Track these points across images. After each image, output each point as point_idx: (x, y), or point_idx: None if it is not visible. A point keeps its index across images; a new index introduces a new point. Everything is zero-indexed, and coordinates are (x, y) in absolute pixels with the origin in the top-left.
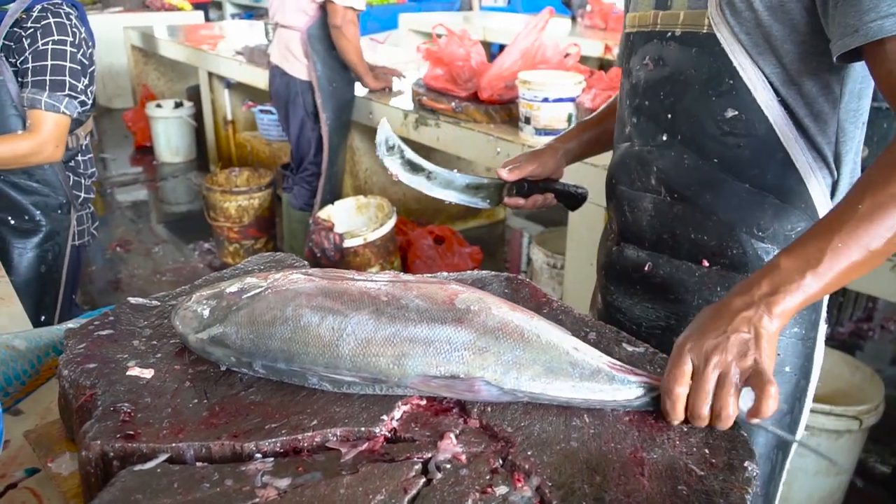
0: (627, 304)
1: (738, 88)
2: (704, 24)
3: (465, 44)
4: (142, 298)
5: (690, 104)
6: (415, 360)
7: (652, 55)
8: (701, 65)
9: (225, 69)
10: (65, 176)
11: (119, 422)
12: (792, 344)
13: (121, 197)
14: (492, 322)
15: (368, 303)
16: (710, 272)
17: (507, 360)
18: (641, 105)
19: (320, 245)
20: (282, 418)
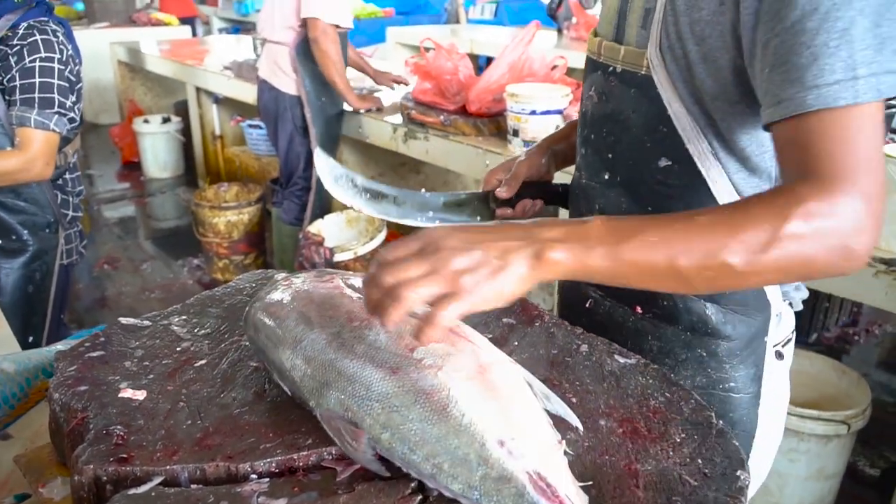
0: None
1: (672, 137)
2: (643, 64)
3: (453, 57)
4: (132, 318)
5: (628, 147)
6: (332, 394)
7: (598, 87)
8: (639, 107)
9: (213, 84)
10: (52, 194)
11: (112, 445)
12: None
13: (108, 213)
14: (424, 383)
15: (339, 322)
16: (644, 320)
17: (409, 429)
18: (588, 137)
19: (310, 259)
20: (276, 437)
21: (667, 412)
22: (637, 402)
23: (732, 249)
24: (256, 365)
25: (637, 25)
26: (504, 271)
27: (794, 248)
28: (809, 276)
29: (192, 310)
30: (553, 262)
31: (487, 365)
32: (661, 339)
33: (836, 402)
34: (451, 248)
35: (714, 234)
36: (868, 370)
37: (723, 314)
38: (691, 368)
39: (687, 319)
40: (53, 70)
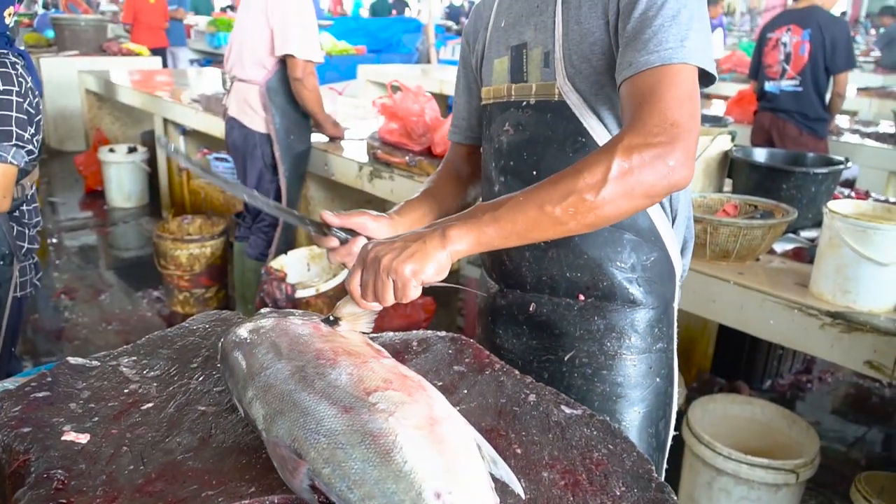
0: (515, 344)
1: (590, 145)
2: (555, 93)
3: (420, 99)
4: (81, 359)
5: (552, 161)
6: (283, 423)
7: (511, 121)
8: (556, 127)
9: (181, 116)
10: (8, 226)
11: (52, 489)
12: (658, 357)
13: (68, 242)
14: (373, 425)
15: (306, 358)
16: (587, 304)
17: (350, 467)
18: (507, 166)
19: (272, 295)
20: (219, 485)
21: (608, 464)
22: (580, 454)
23: (580, 187)
24: (204, 409)
25: (539, 66)
26: (424, 250)
27: (624, 176)
28: (651, 195)
29: (142, 350)
30: (455, 236)
31: (439, 418)
32: (605, 317)
33: (786, 451)
34: (381, 252)
35: (565, 181)
36: (821, 418)
37: (645, 288)
38: (632, 337)
39: (624, 294)
40: (11, 103)
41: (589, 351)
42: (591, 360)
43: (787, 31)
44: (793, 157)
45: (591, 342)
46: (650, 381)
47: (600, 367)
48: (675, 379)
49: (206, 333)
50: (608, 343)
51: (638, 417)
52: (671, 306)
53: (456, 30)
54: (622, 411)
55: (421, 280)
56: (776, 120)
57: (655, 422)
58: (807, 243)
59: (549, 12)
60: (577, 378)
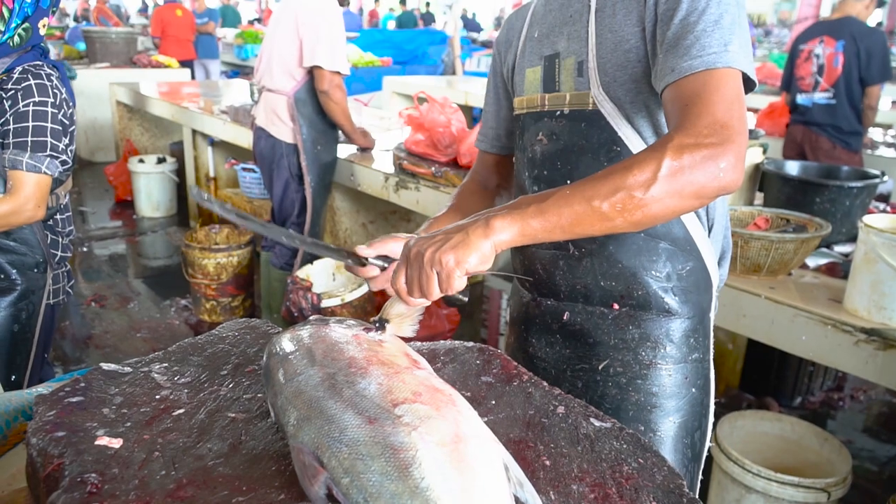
0: (548, 353)
1: (625, 154)
2: (589, 102)
3: (446, 111)
4: (114, 364)
5: (585, 170)
6: (308, 429)
7: (545, 131)
8: (591, 136)
9: (209, 127)
10: (43, 235)
11: (86, 493)
12: (694, 367)
13: (98, 251)
14: (394, 439)
15: (338, 366)
16: (621, 313)
17: (369, 479)
18: (541, 175)
19: (297, 304)
20: (249, 492)
21: (639, 478)
22: (610, 467)
23: (629, 184)
24: (234, 416)
25: (573, 76)
26: (467, 240)
27: (675, 175)
28: (700, 196)
29: (173, 357)
30: (498, 226)
31: (464, 437)
32: (640, 326)
33: (817, 469)
34: (424, 246)
35: (614, 176)
36: (852, 437)
37: (682, 295)
38: (668, 346)
39: (659, 304)
40: (47, 114)
41: (623, 360)
42: (625, 370)
43: (819, 42)
44: (826, 171)
45: (626, 351)
46: (686, 391)
47: (635, 377)
48: (711, 390)
49: (235, 341)
50: (643, 352)
51: (673, 428)
52: (707, 316)
53: (482, 41)
54: (657, 421)
55: (465, 270)
56: (809, 133)
57: (691, 432)
58: (841, 258)
59: (583, 21)
60: (611, 387)
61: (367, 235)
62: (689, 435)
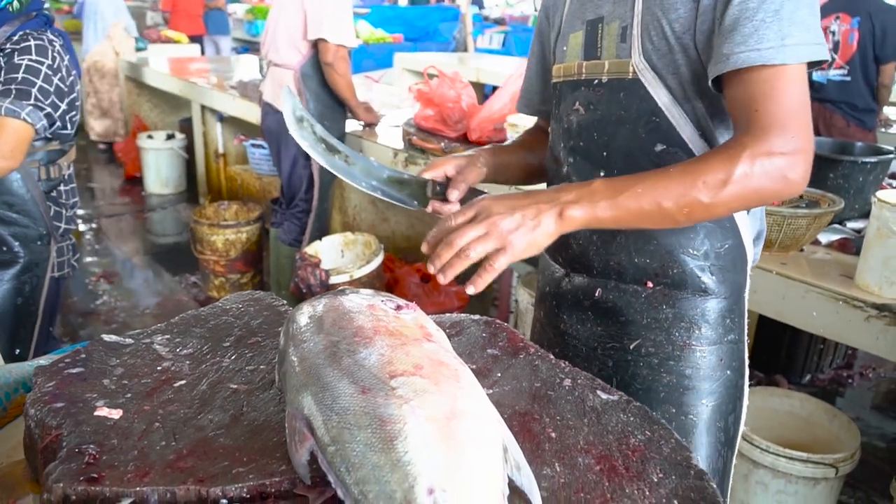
0: (579, 330)
1: (664, 125)
2: (629, 71)
3: (456, 86)
4: (115, 336)
5: (623, 142)
6: (304, 396)
7: (582, 100)
8: (629, 106)
9: (218, 103)
10: (45, 206)
11: (83, 464)
12: (729, 349)
13: (107, 228)
14: (383, 410)
15: (343, 334)
16: (655, 292)
17: (353, 449)
18: (577, 146)
19: (306, 281)
20: (250, 462)
21: (646, 450)
22: (616, 440)
23: (699, 189)
24: (235, 387)
25: (615, 42)
26: (538, 228)
27: (744, 183)
28: (762, 202)
29: (175, 329)
30: (571, 217)
31: (460, 413)
32: (674, 305)
33: (825, 445)
34: (499, 213)
35: (684, 179)
36: (861, 414)
37: (720, 274)
38: (703, 327)
39: (695, 283)
40: (39, 72)
41: (656, 340)
42: (657, 350)
43: (835, 19)
44: (840, 146)
45: (659, 331)
46: (720, 373)
47: (667, 358)
48: (745, 372)
49: (239, 313)
50: (676, 333)
51: (706, 411)
52: (742, 296)
53: (494, 18)
54: (690, 403)
55: (518, 257)
56: (823, 110)
57: (725, 416)
58: (853, 234)
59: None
60: (642, 368)
61: (377, 212)
62: (723, 418)
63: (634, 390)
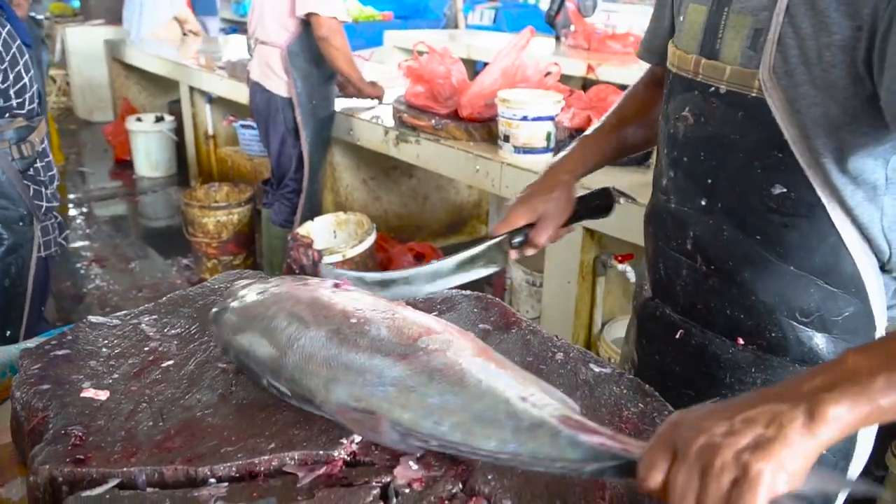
0: (655, 362)
1: (788, 164)
2: (754, 86)
3: (446, 61)
4: (102, 317)
5: (734, 172)
6: (341, 388)
7: (693, 108)
8: (747, 131)
9: (206, 83)
10: (23, 186)
11: (69, 445)
12: None
13: (99, 211)
14: (436, 362)
15: (336, 320)
16: (746, 351)
17: (431, 403)
18: (680, 160)
19: (298, 261)
20: (239, 441)
21: (639, 423)
22: (609, 413)
23: None
24: (224, 367)
25: (741, 45)
26: (784, 439)
27: None
28: None
29: (163, 309)
30: (835, 417)
31: (485, 348)
32: (765, 370)
33: None
34: (715, 439)
35: None
36: None
37: (833, 344)
38: None
39: (797, 351)
40: None
41: None
42: None
43: None
44: None
45: None
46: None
47: None
48: (853, 454)
49: (226, 292)
50: None
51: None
52: None
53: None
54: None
55: (785, 486)
56: None
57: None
58: None
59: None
60: None
61: (368, 192)
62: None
63: None
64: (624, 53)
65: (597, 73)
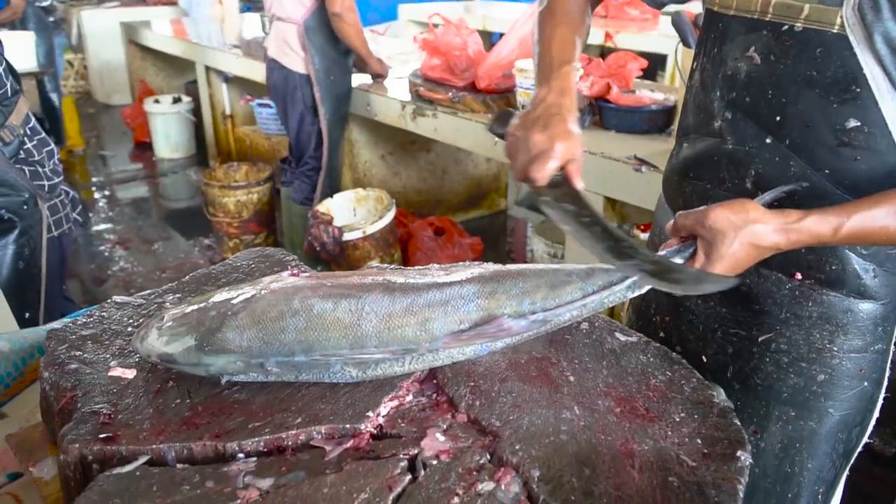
0: (699, 306)
1: (865, 98)
2: (836, 23)
3: (462, 33)
4: (127, 297)
5: (806, 109)
6: (439, 322)
7: (759, 48)
8: (825, 68)
9: (222, 63)
10: (17, 171)
11: (98, 424)
12: (873, 359)
13: (120, 194)
14: (487, 273)
15: (374, 285)
16: (803, 286)
17: (516, 293)
18: (740, 100)
19: (319, 239)
20: (266, 417)
21: (667, 391)
22: (637, 381)
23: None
24: None
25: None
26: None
27: None
28: None
29: (187, 288)
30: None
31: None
32: (822, 304)
33: None
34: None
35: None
36: None
37: (885, 277)
38: (850, 333)
39: (854, 283)
40: None
41: (791, 338)
42: (790, 349)
43: None
44: None
45: (797, 329)
46: (857, 383)
47: (800, 359)
48: (884, 384)
49: (249, 270)
50: (818, 334)
51: (831, 420)
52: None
53: None
54: (814, 410)
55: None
56: None
57: (849, 427)
58: None
59: None
60: (768, 364)
61: (387, 167)
62: (847, 430)
63: (752, 385)
64: (642, 20)
65: (615, 40)
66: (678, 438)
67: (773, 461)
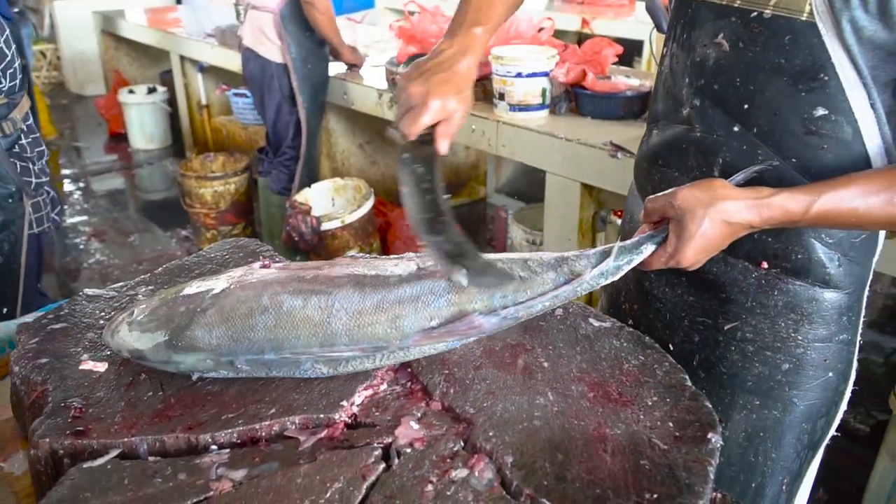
0: (667, 294)
1: (832, 87)
2: (805, 10)
3: (438, 20)
4: (98, 289)
5: (774, 97)
6: (409, 318)
7: (728, 34)
8: (794, 56)
9: (197, 52)
10: (10, 164)
11: (69, 418)
12: (837, 349)
13: (96, 185)
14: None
15: (344, 280)
16: (769, 274)
17: (488, 286)
18: (708, 88)
19: (297, 229)
20: (239, 408)
21: (640, 375)
22: (610, 366)
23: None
24: None
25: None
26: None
27: None
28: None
29: (159, 280)
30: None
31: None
32: (787, 293)
33: None
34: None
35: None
36: None
37: (848, 266)
38: (815, 322)
39: (818, 272)
40: None
41: (757, 327)
42: (756, 337)
43: None
44: None
45: (763, 318)
46: (821, 374)
47: (765, 348)
48: (851, 376)
49: (223, 261)
50: (783, 323)
51: (795, 410)
52: (864, 293)
53: None
54: (779, 399)
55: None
56: None
57: (814, 419)
58: None
59: None
60: (733, 352)
61: (365, 156)
62: (812, 421)
63: (718, 373)
64: (619, 6)
65: (591, 26)
66: (650, 422)
67: (736, 450)
